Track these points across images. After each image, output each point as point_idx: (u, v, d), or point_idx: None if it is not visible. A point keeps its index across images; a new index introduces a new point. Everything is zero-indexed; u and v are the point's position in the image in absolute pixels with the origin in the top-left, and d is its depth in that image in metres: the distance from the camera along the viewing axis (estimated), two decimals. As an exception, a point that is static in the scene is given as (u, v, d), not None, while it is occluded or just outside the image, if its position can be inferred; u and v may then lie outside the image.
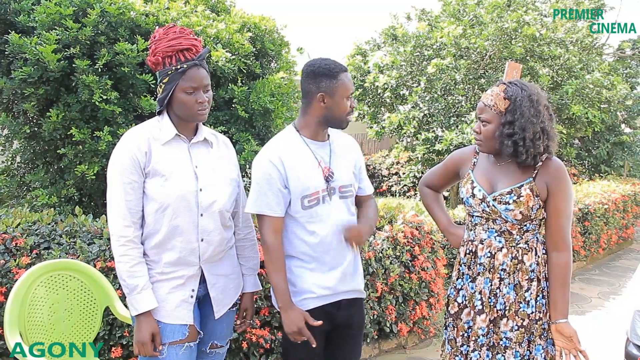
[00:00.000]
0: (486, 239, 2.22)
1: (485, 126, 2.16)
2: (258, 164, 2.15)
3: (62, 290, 2.48)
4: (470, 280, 2.28)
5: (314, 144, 2.21)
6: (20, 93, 3.99)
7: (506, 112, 2.11)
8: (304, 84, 2.17)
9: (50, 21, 3.94)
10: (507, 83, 2.16)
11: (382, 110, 9.96)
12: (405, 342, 4.21)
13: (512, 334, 2.17)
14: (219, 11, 5.33)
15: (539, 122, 2.09)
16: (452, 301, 2.35)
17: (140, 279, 1.97)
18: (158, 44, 2.03)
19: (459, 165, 2.41)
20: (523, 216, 2.13)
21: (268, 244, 2.12)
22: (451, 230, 2.44)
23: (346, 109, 2.16)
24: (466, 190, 2.27)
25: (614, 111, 9.50)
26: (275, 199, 2.11)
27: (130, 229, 1.97)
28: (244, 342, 3.12)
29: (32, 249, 2.93)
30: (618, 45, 11.94)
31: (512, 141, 2.08)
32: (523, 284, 2.17)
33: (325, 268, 2.18)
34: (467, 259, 2.30)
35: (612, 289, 6.01)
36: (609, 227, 7.34)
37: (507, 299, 2.18)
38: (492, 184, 2.21)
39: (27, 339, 2.27)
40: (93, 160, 4.10)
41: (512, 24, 8.09)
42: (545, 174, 2.12)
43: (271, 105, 4.63)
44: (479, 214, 2.24)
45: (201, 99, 2.02)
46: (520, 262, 2.17)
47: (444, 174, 2.50)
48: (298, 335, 2.09)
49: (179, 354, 2.04)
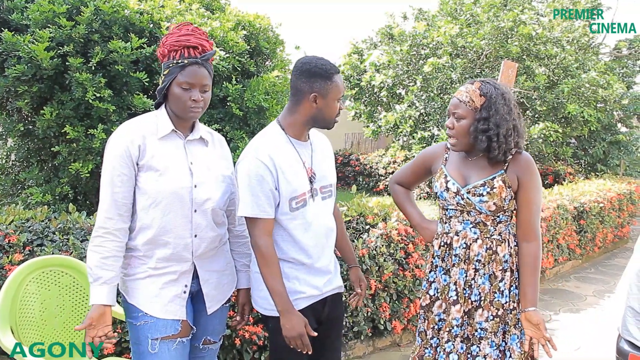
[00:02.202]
0: (461, 231, 2.28)
1: (459, 122, 2.21)
2: (247, 164, 2.05)
3: (54, 287, 2.48)
4: (444, 273, 2.32)
5: (298, 143, 2.16)
6: (14, 91, 3.99)
7: (481, 108, 2.16)
8: (297, 82, 2.10)
9: (43, 19, 3.94)
10: (481, 81, 2.22)
11: (379, 109, 9.98)
12: (399, 340, 4.21)
13: (487, 324, 2.22)
14: (214, 9, 5.34)
15: (511, 120, 2.16)
16: (423, 294, 2.39)
17: (107, 272, 1.94)
18: (169, 37, 2.05)
19: (430, 161, 2.47)
20: (496, 207, 2.19)
21: (262, 247, 2.03)
22: (424, 225, 2.49)
23: (336, 110, 2.13)
24: (440, 184, 2.32)
25: (610, 110, 9.52)
26: (267, 200, 2.03)
27: (112, 221, 1.96)
28: (237, 339, 3.13)
29: (25, 246, 2.92)
30: (615, 45, 11.98)
31: (487, 136, 2.14)
32: (497, 274, 2.22)
33: (313, 269, 2.16)
34: (441, 252, 2.34)
35: (607, 287, 6.02)
36: (604, 226, 7.34)
37: (482, 290, 2.23)
38: (464, 178, 2.27)
39: (18, 336, 2.26)
40: (87, 158, 4.10)
41: (509, 23, 8.11)
42: (515, 166, 2.20)
43: (266, 103, 4.64)
44: (453, 206, 2.29)
45: (196, 97, 2.02)
46: (494, 252, 2.23)
47: (415, 171, 2.55)
48: (298, 341, 2.03)
49: (171, 349, 2.04)
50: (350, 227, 4.01)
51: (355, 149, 15.10)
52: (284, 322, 2.03)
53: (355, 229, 4.03)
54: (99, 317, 1.94)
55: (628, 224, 8.33)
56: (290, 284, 2.10)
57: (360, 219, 4.10)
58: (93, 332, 1.94)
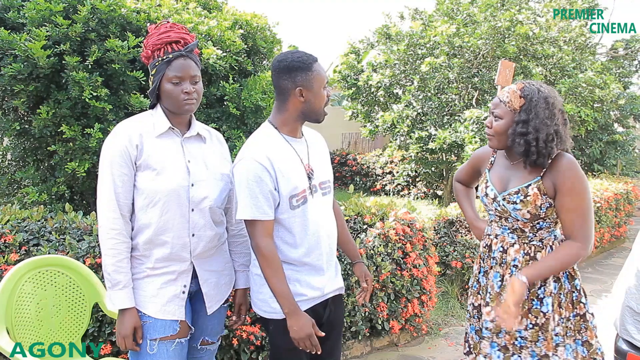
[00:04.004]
0: (500, 235, 2.26)
1: (497, 121, 2.17)
2: (244, 166, 2.01)
3: (50, 287, 2.46)
4: (483, 274, 2.33)
5: (293, 140, 2.13)
6: (10, 90, 3.97)
7: (520, 110, 2.11)
8: (278, 81, 2.06)
9: (40, 17, 3.92)
10: (525, 82, 2.16)
11: (376, 109, 9.97)
12: (397, 340, 4.21)
13: (526, 332, 2.15)
14: (211, 8, 5.32)
15: (552, 125, 2.08)
16: (474, 293, 2.38)
17: (123, 276, 1.97)
18: (149, 38, 2.04)
19: (480, 163, 2.47)
20: (532, 215, 2.13)
21: (264, 249, 2.00)
22: (475, 223, 2.53)
23: (324, 99, 2.10)
24: (481, 189, 2.32)
25: (606, 110, 9.53)
26: (266, 202, 2.00)
27: (119, 221, 1.96)
28: (235, 339, 3.11)
29: (20, 246, 2.91)
30: (611, 45, 12.00)
31: (525, 140, 2.08)
32: (536, 282, 2.13)
33: (314, 269, 2.14)
34: (483, 252, 2.35)
35: (604, 287, 6.02)
36: (601, 226, 7.35)
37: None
38: (504, 183, 2.23)
39: (14, 336, 2.25)
40: (84, 157, 4.08)
41: (505, 22, 8.11)
42: (553, 171, 2.11)
43: (263, 102, 4.63)
44: (492, 211, 2.28)
45: (187, 89, 2.01)
46: (532, 258, 2.17)
47: (468, 171, 2.58)
48: (307, 342, 2.01)
49: (169, 349, 2.03)
50: (348, 226, 4.00)
51: (352, 148, 15.09)
52: (291, 324, 2.00)
53: (353, 229, 4.02)
54: (130, 319, 1.98)
55: (625, 223, 8.35)
56: (291, 286, 2.07)
57: (358, 219, 4.09)
58: (128, 343, 1.98)
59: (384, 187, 11.72)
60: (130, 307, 1.98)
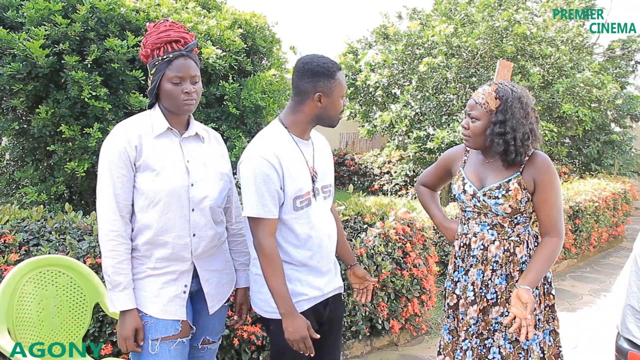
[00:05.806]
0: (479, 232, 2.30)
1: (474, 122, 2.23)
2: (252, 162, 1.99)
3: (51, 287, 2.45)
4: (464, 273, 2.36)
5: (301, 142, 2.13)
6: (9, 89, 3.96)
7: (497, 111, 2.17)
8: (299, 82, 2.05)
9: (39, 17, 3.91)
10: (498, 83, 2.22)
11: (374, 109, 9.97)
12: (397, 339, 4.21)
13: (502, 318, 2.24)
14: (210, 8, 5.32)
15: (528, 124, 2.17)
16: (450, 294, 2.42)
17: (124, 277, 1.96)
18: (148, 37, 2.03)
19: (451, 163, 2.50)
20: (512, 209, 2.20)
21: (266, 248, 1.99)
22: (445, 225, 2.53)
23: (340, 108, 2.10)
24: (457, 186, 2.35)
25: (604, 110, 9.56)
26: (272, 200, 1.99)
27: (119, 222, 1.95)
28: (235, 339, 3.11)
29: (20, 246, 2.90)
30: (608, 45, 12.03)
31: (504, 140, 2.15)
32: (514, 274, 2.24)
33: (315, 269, 2.14)
34: (461, 252, 2.38)
35: (603, 286, 6.04)
36: (599, 225, 7.37)
37: (498, 289, 2.25)
38: (481, 180, 2.29)
39: (15, 336, 2.24)
40: (83, 157, 4.07)
41: (503, 22, 8.12)
42: (532, 167, 2.20)
43: (262, 102, 4.63)
44: (470, 208, 2.32)
45: (188, 89, 2.00)
46: (512, 254, 2.25)
47: (437, 173, 2.59)
48: (301, 344, 2.00)
49: (171, 349, 2.02)
50: (348, 226, 4.00)
51: (350, 148, 15.10)
52: (286, 325, 2.00)
53: (353, 228, 4.02)
54: (131, 321, 1.97)
55: (623, 223, 8.38)
56: (292, 285, 2.07)
57: (358, 218, 4.09)
58: (129, 345, 1.97)
59: (382, 187, 11.73)
60: (131, 308, 1.97)
